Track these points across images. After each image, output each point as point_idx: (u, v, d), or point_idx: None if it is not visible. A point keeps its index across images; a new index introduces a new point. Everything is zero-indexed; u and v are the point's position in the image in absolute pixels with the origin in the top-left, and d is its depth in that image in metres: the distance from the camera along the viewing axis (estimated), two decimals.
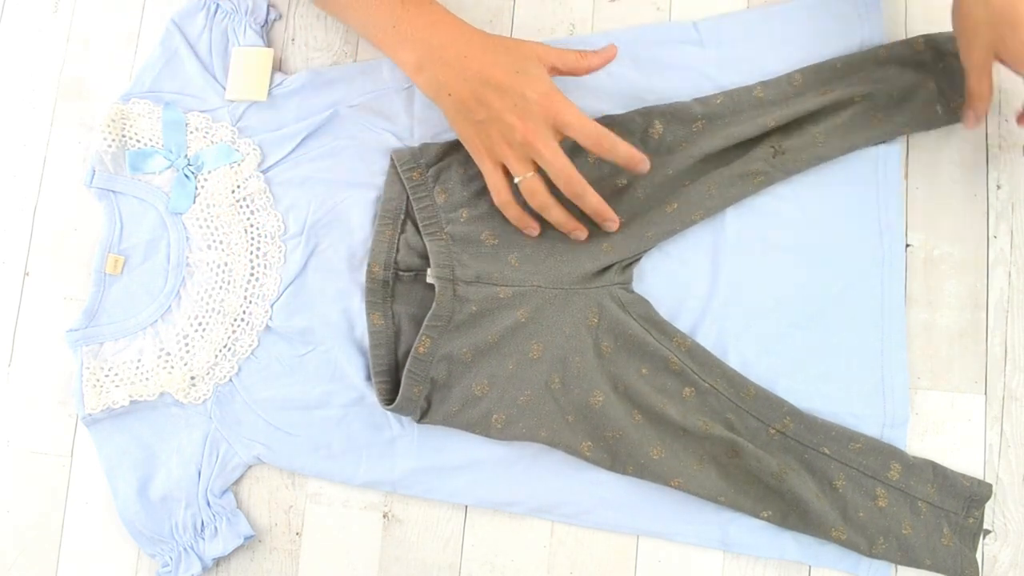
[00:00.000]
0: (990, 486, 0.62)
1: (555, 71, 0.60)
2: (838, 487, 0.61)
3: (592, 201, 0.60)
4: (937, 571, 0.61)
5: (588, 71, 0.61)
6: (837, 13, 0.67)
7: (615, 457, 0.62)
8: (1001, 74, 0.66)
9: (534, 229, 0.62)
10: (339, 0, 0.58)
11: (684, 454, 0.62)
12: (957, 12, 0.60)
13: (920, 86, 0.65)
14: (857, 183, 0.66)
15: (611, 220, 0.62)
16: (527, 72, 0.58)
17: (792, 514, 0.61)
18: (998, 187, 0.65)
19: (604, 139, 0.58)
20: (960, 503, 0.62)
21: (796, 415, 0.62)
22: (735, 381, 0.63)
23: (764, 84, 0.65)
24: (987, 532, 0.63)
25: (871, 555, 0.61)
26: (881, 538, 0.61)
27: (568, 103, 0.58)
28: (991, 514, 0.63)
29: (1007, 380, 0.64)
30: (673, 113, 0.65)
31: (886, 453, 0.62)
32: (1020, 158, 0.65)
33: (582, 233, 0.62)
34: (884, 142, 0.65)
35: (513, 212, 0.62)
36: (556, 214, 0.61)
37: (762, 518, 0.61)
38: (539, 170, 0.60)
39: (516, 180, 0.60)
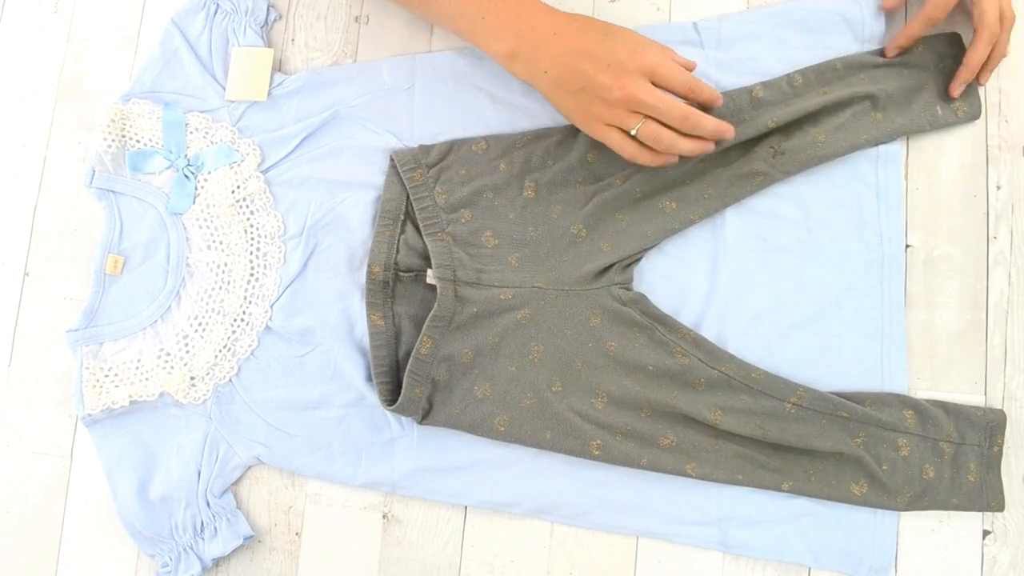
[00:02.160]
0: (1002, 411, 0.62)
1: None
2: (859, 444, 0.61)
3: (710, 125, 0.59)
4: (963, 509, 0.61)
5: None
6: (837, 13, 0.67)
7: (627, 452, 0.61)
8: (1000, 73, 0.66)
9: (674, 158, 0.61)
10: None
11: (697, 439, 0.62)
12: None
13: (920, 86, 0.65)
14: (857, 183, 0.65)
15: (728, 130, 0.60)
16: (614, 35, 0.59)
17: (814, 479, 0.61)
18: (998, 187, 0.65)
19: (695, 87, 0.59)
20: (982, 434, 0.62)
21: (807, 388, 0.62)
22: (743, 366, 0.63)
23: (764, 85, 0.65)
24: (987, 532, 0.63)
25: (894, 508, 0.61)
26: (906, 487, 0.61)
27: (659, 52, 0.59)
28: (991, 515, 0.63)
29: (1007, 380, 0.64)
30: None
31: (897, 403, 0.62)
32: (1020, 158, 0.65)
33: (711, 145, 0.60)
34: (884, 142, 0.65)
35: (647, 158, 0.61)
36: (686, 144, 0.60)
37: (783, 490, 0.62)
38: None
39: (632, 132, 0.59)
